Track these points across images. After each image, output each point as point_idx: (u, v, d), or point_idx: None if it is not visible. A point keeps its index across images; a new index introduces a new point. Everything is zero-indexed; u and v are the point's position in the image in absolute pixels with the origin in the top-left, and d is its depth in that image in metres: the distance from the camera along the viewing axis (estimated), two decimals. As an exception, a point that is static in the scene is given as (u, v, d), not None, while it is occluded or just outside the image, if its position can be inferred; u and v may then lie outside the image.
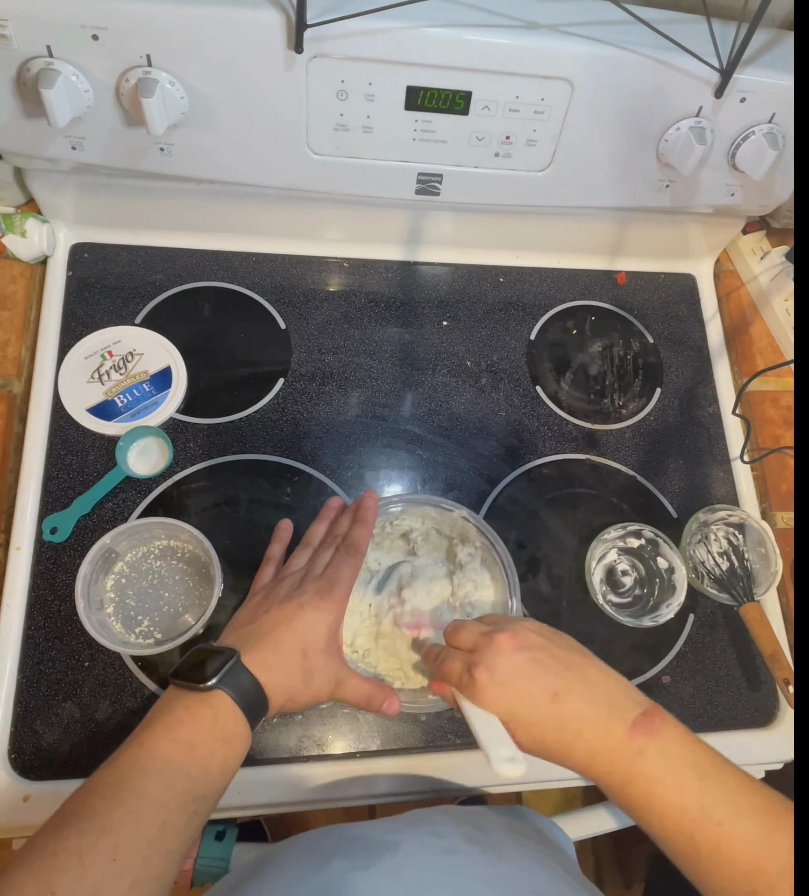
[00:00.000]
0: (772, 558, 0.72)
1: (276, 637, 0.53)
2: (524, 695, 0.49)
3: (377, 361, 0.81)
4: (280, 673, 0.51)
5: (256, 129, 0.66)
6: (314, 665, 0.53)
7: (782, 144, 0.67)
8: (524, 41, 0.61)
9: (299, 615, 0.54)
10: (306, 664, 0.53)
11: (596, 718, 0.47)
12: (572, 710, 0.48)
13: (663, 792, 0.45)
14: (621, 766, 0.46)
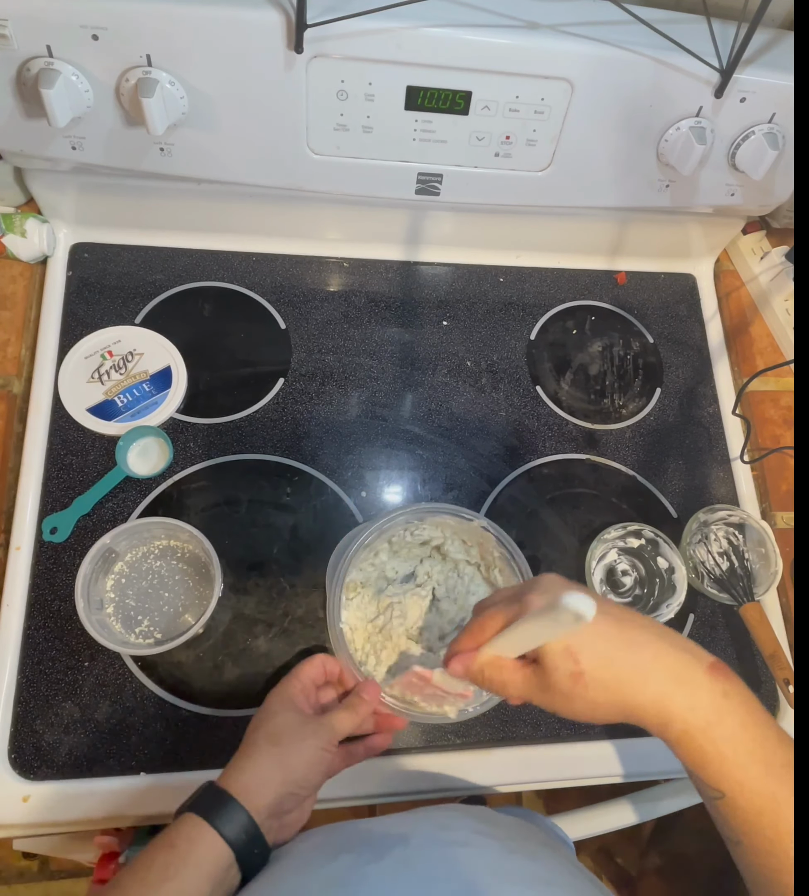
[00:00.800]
0: (772, 558, 0.72)
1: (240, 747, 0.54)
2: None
3: (377, 361, 0.81)
4: (239, 762, 0.51)
5: (256, 129, 0.66)
6: (278, 731, 0.52)
7: (782, 144, 0.67)
8: (524, 41, 0.61)
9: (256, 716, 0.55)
10: (263, 734, 0.52)
11: (671, 649, 0.43)
12: (642, 635, 0.43)
13: (748, 742, 0.42)
14: (706, 705, 0.42)
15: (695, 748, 0.42)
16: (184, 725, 0.63)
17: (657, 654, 0.43)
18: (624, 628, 0.43)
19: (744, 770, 0.42)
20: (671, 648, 0.43)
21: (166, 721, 0.63)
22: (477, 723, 0.67)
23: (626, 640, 0.43)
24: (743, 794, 0.42)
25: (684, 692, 0.42)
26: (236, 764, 0.51)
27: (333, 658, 0.60)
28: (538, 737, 0.67)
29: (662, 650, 0.43)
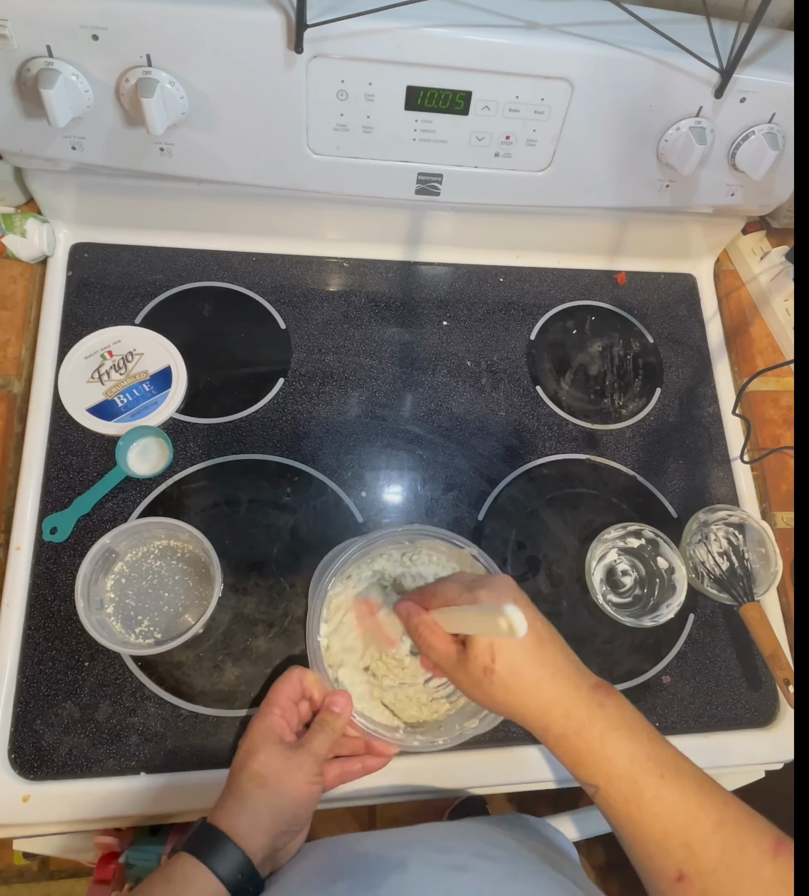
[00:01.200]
0: (772, 558, 0.72)
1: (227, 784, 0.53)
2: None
3: (377, 361, 0.81)
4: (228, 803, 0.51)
5: (256, 129, 0.66)
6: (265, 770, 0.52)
7: (782, 144, 0.67)
8: (524, 41, 0.61)
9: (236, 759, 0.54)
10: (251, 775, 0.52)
11: (568, 670, 0.50)
12: (551, 656, 0.51)
13: (616, 739, 0.48)
14: (581, 712, 0.48)
15: (570, 748, 0.49)
16: (184, 725, 0.63)
17: (555, 673, 0.50)
18: (543, 648, 0.51)
19: (611, 763, 0.47)
20: (568, 670, 0.50)
21: (166, 721, 0.63)
22: (477, 723, 0.67)
23: (539, 657, 0.50)
24: (612, 783, 0.47)
25: (565, 704, 0.49)
26: (226, 804, 0.51)
27: (308, 671, 0.59)
28: (537, 737, 0.67)
29: (561, 671, 0.50)
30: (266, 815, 0.50)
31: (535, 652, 0.50)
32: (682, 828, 0.44)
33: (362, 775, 0.59)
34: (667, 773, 0.46)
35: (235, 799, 0.51)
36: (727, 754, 0.70)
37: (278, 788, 0.51)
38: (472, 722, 0.59)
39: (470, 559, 0.63)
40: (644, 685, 0.71)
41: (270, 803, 0.51)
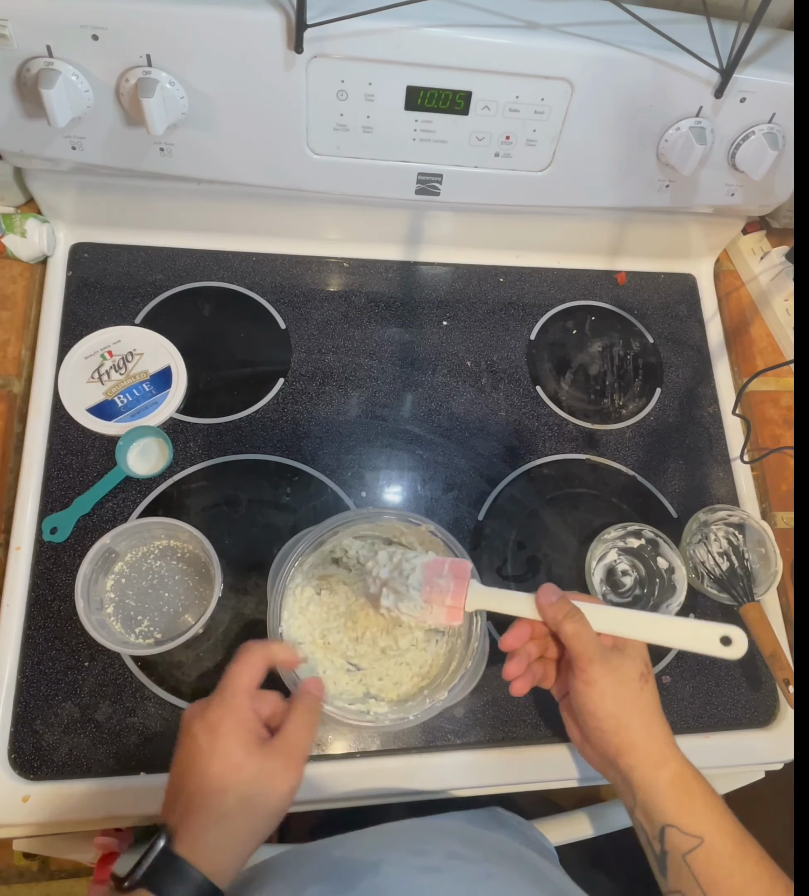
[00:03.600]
0: (772, 558, 0.72)
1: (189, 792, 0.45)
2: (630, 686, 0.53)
3: (377, 361, 0.81)
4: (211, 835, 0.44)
5: (256, 129, 0.66)
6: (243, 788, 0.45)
7: (782, 144, 0.67)
8: (524, 41, 0.61)
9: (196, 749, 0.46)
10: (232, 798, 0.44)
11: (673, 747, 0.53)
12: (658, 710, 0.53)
13: (714, 794, 0.50)
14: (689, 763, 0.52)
15: (686, 789, 0.50)
16: (184, 725, 0.63)
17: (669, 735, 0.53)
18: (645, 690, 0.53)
19: (722, 816, 0.49)
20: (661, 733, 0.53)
21: (166, 721, 0.63)
22: (477, 723, 0.67)
23: (643, 700, 0.53)
24: (719, 837, 0.49)
25: (677, 748, 0.52)
26: (202, 832, 0.44)
27: (271, 644, 0.52)
28: (537, 737, 0.67)
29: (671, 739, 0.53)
30: (251, 842, 0.45)
31: (639, 697, 0.52)
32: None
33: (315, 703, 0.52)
34: (749, 842, 0.49)
35: (215, 826, 0.44)
36: (727, 754, 0.70)
37: (266, 809, 0.46)
38: (441, 694, 0.59)
39: (428, 535, 0.63)
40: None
41: (256, 828, 0.45)
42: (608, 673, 0.51)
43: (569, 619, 0.52)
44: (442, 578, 0.56)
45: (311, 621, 0.63)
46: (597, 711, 0.51)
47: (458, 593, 0.56)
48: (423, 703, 0.59)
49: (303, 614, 0.63)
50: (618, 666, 0.52)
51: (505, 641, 0.55)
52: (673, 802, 0.49)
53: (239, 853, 0.45)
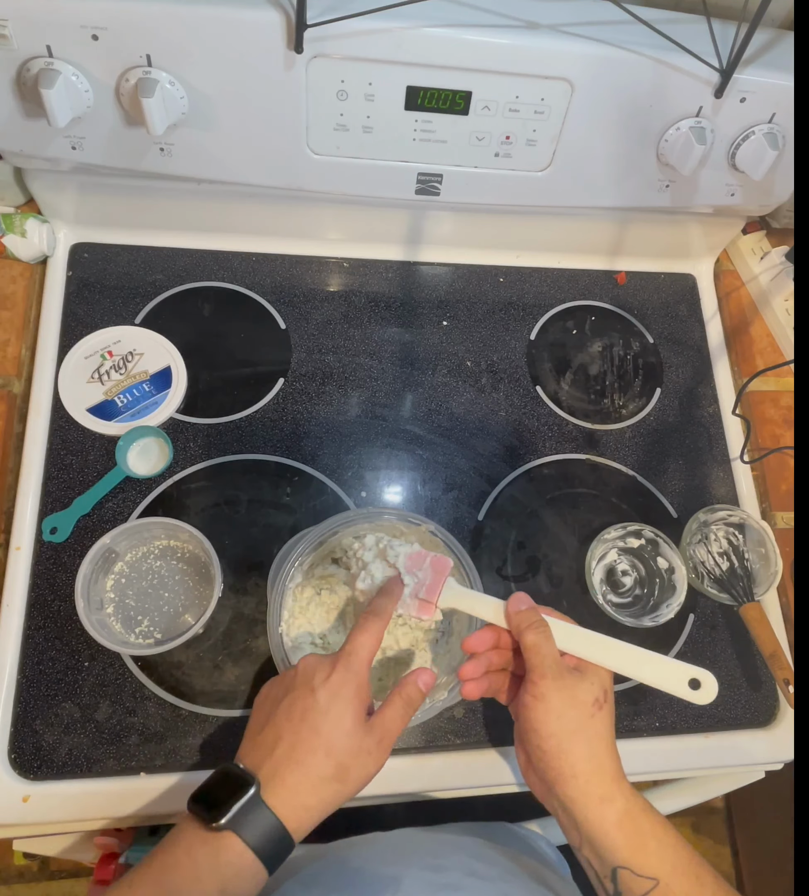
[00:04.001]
0: (772, 558, 0.72)
1: (293, 745, 0.46)
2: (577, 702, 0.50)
3: (377, 361, 0.81)
4: (303, 794, 0.45)
5: (256, 129, 0.66)
6: (344, 757, 0.46)
7: (782, 144, 0.67)
8: (524, 41, 0.61)
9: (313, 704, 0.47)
10: (332, 763, 0.46)
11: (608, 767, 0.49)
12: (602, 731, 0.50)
13: (671, 829, 0.47)
14: (640, 799, 0.48)
15: (634, 828, 0.46)
16: (184, 725, 0.63)
17: (620, 773, 0.49)
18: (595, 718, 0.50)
19: (676, 853, 0.46)
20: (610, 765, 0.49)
21: (166, 721, 0.63)
22: (477, 723, 0.67)
23: (592, 728, 0.49)
24: (676, 877, 0.45)
25: (625, 782, 0.48)
26: (297, 787, 0.45)
27: (385, 614, 0.52)
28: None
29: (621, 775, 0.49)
30: (333, 808, 0.47)
31: (590, 724, 0.49)
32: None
33: (420, 692, 0.52)
34: (706, 875, 0.46)
35: (305, 780, 0.45)
36: (727, 754, 0.70)
37: (356, 782, 0.47)
38: (441, 693, 0.59)
39: (428, 535, 0.63)
40: (644, 685, 0.70)
41: (343, 796, 0.47)
42: (559, 690, 0.49)
43: (532, 630, 0.51)
44: (421, 571, 0.56)
45: (311, 621, 0.63)
46: (540, 729, 0.48)
47: (432, 588, 0.55)
48: (423, 703, 0.58)
49: (303, 614, 0.63)
50: (572, 686, 0.49)
51: (467, 643, 0.53)
52: (623, 842, 0.46)
53: (321, 816, 0.46)
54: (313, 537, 0.62)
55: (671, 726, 0.70)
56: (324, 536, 0.62)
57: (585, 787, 0.47)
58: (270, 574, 0.66)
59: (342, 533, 0.64)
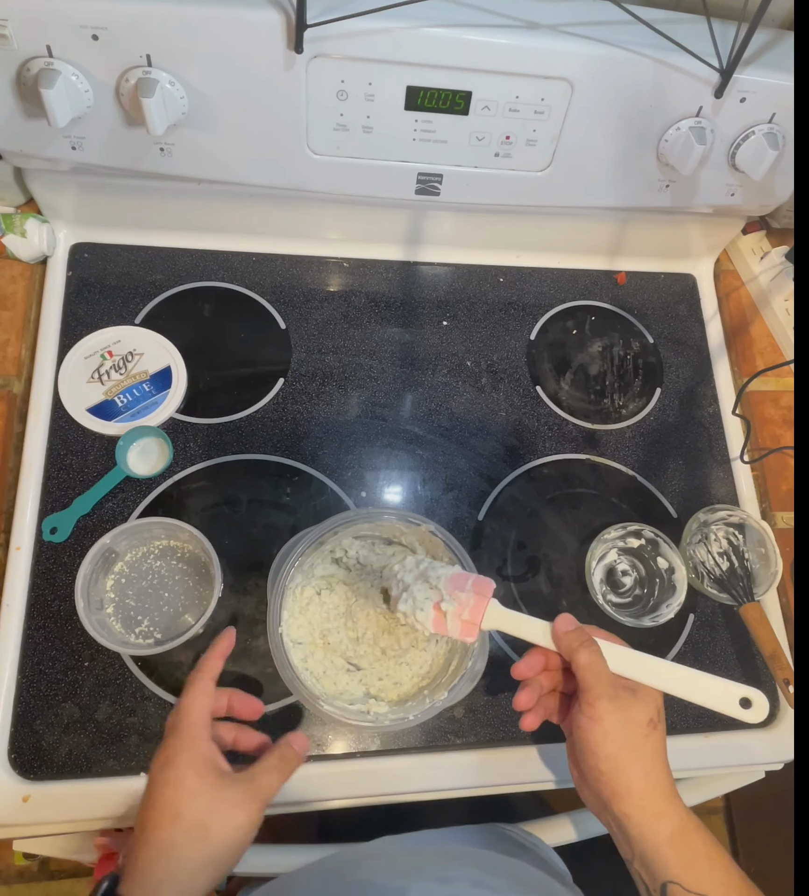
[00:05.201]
0: (772, 558, 0.72)
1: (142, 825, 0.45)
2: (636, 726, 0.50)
3: (377, 361, 0.81)
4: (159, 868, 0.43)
5: (256, 129, 0.66)
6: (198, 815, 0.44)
7: (782, 144, 0.67)
8: (524, 41, 0.61)
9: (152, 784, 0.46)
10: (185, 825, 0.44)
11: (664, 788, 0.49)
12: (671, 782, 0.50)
13: (720, 848, 0.47)
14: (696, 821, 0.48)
15: (687, 844, 0.46)
16: (184, 725, 0.63)
17: (674, 794, 0.49)
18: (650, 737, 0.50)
19: (727, 872, 0.46)
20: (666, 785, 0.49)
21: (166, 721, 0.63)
22: (477, 723, 0.67)
23: (668, 770, 0.50)
24: (725, 894, 0.45)
25: (679, 800, 0.48)
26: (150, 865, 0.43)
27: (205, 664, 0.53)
28: (537, 737, 0.67)
29: (675, 795, 0.49)
30: (209, 872, 0.44)
31: (644, 744, 0.49)
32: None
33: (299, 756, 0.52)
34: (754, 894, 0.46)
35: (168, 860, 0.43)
36: (727, 754, 0.70)
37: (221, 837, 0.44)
38: (441, 694, 0.59)
39: (428, 535, 0.63)
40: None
41: (211, 857, 0.44)
42: (615, 712, 0.49)
43: (585, 649, 0.50)
44: (464, 593, 0.55)
45: (311, 621, 0.63)
46: (597, 750, 0.48)
47: (476, 610, 0.54)
48: (423, 703, 0.58)
49: (303, 614, 0.63)
50: (627, 707, 0.49)
51: (517, 669, 0.53)
52: (675, 858, 0.47)
53: (190, 886, 0.43)
54: (313, 537, 0.62)
55: (672, 726, 0.70)
56: (324, 536, 0.62)
57: (640, 803, 0.48)
58: (270, 574, 0.66)
59: (343, 533, 0.64)
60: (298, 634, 0.62)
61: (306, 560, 0.63)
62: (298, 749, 0.52)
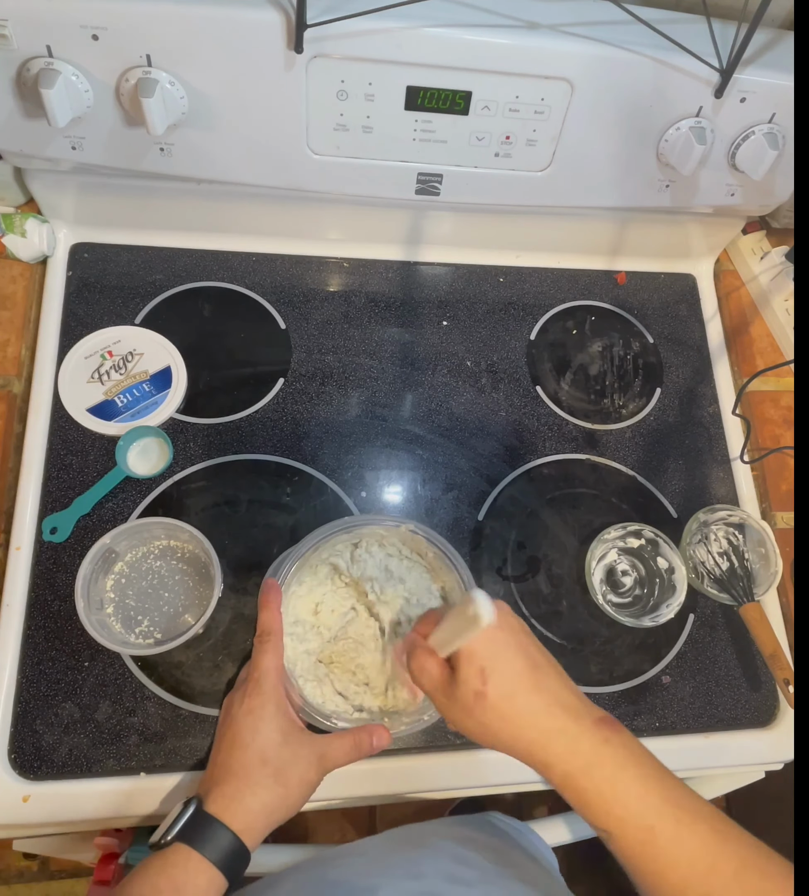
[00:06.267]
0: (772, 558, 0.72)
1: (228, 764, 0.52)
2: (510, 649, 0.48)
3: (377, 361, 0.81)
4: (245, 798, 0.50)
5: (256, 129, 0.66)
6: (280, 764, 0.52)
7: (782, 144, 0.67)
8: (524, 41, 0.61)
9: (237, 729, 0.53)
10: (270, 770, 0.51)
11: (567, 700, 0.47)
12: (546, 683, 0.48)
13: (627, 780, 0.44)
14: (586, 749, 0.45)
15: (577, 788, 0.45)
16: (184, 725, 0.63)
17: (551, 703, 0.46)
18: (538, 673, 0.48)
19: (623, 807, 0.44)
20: (566, 699, 0.47)
21: (166, 721, 0.63)
22: (477, 723, 0.67)
23: (534, 682, 0.47)
24: (625, 829, 0.44)
25: (567, 738, 0.45)
26: (236, 794, 0.50)
27: (274, 622, 0.58)
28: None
29: (558, 700, 0.47)
30: (280, 812, 0.50)
31: (529, 676, 0.47)
32: (702, 876, 0.42)
33: (371, 747, 0.57)
34: (683, 816, 0.43)
35: (246, 788, 0.50)
36: (727, 754, 0.70)
37: (296, 789, 0.51)
38: None
39: (409, 534, 0.63)
40: (644, 685, 0.71)
41: (286, 801, 0.51)
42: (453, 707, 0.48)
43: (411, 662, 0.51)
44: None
45: (308, 650, 0.63)
46: (478, 741, 0.48)
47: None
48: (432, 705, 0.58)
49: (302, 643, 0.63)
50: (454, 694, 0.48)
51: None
52: (574, 803, 0.46)
53: (269, 819, 0.50)
54: (297, 554, 0.61)
55: (671, 726, 0.70)
56: (307, 552, 0.61)
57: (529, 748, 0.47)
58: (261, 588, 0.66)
59: (323, 548, 0.63)
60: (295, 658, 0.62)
61: (294, 577, 0.62)
62: (375, 743, 0.56)
